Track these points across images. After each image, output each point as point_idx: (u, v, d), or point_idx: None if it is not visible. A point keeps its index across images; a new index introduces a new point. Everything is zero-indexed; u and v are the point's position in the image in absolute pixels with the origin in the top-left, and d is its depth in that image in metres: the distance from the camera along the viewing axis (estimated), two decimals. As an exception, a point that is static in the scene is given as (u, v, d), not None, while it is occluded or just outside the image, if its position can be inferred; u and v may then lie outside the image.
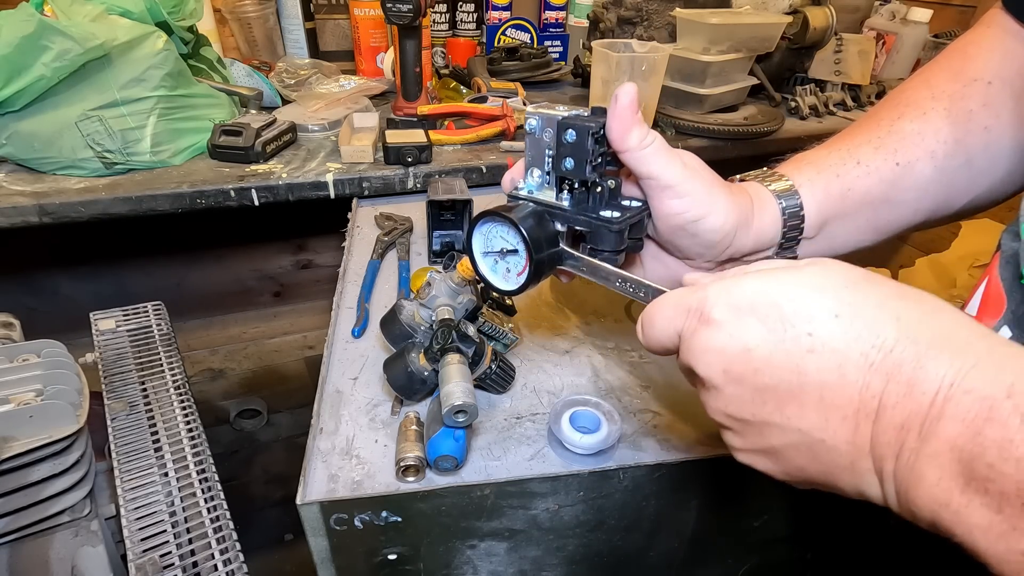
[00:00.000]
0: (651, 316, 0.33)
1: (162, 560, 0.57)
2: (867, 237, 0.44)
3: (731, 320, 0.28)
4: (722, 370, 0.28)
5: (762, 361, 0.27)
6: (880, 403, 0.24)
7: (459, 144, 1.00)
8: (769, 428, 0.28)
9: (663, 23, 1.18)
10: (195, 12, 0.98)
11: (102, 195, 0.81)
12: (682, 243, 0.41)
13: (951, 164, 0.42)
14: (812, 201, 0.42)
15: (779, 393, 0.27)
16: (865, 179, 0.42)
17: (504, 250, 0.42)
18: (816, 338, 0.25)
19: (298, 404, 1.52)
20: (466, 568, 0.53)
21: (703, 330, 0.29)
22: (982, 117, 0.41)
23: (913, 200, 0.43)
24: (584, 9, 1.41)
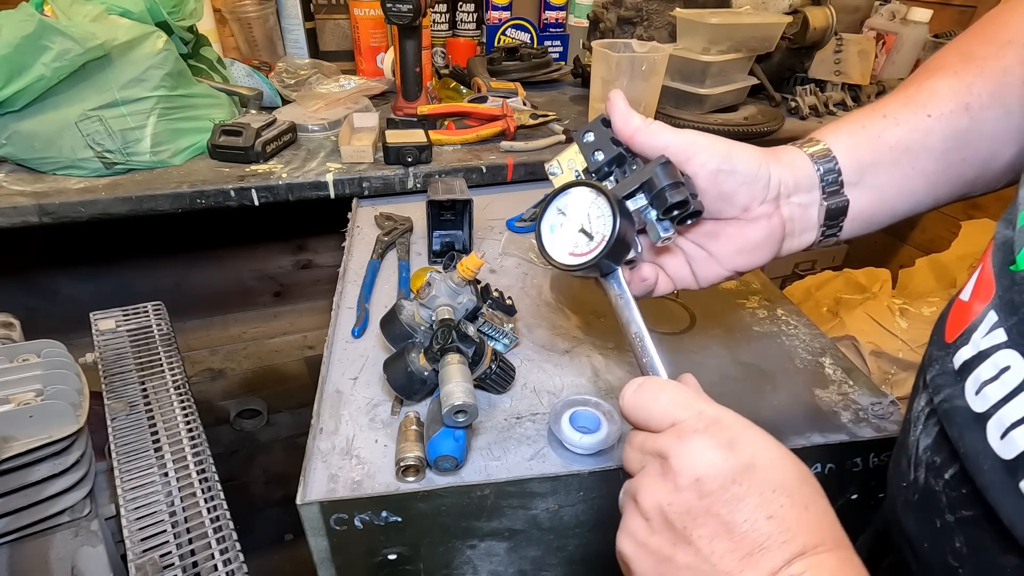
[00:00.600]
0: (657, 390, 0.34)
1: (162, 560, 0.57)
2: (919, 187, 0.43)
3: (727, 448, 0.29)
4: (695, 477, 0.29)
5: (730, 494, 0.28)
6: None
7: (459, 144, 1.00)
8: (686, 545, 0.29)
9: (663, 23, 1.18)
10: (195, 12, 0.98)
11: (102, 195, 0.81)
12: (728, 187, 0.40)
13: (988, 115, 0.41)
14: (838, 144, 0.42)
15: (720, 526, 0.29)
16: (895, 128, 0.42)
17: (582, 228, 0.41)
18: (746, 526, 0.28)
19: (298, 404, 1.52)
20: (466, 568, 0.53)
21: (711, 437, 0.30)
22: (1018, 71, 0.40)
23: (956, 149, 0.42)
24: (584, 9, 1.41)
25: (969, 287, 0.35)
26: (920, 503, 0.35)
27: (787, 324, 0.67)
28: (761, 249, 0.43)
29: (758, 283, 0.75)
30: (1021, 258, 0.30)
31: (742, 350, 0.63)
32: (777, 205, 0.42)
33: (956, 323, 0.34)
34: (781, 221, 0.42)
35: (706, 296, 0.71)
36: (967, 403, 0.30)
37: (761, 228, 0.42)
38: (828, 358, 0.62)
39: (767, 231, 0.42)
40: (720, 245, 0.43)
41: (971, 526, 0.31)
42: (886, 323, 1.17)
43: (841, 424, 0.54)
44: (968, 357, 0.31)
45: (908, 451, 0.37)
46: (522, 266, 0.75)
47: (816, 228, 0.43)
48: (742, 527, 0.28)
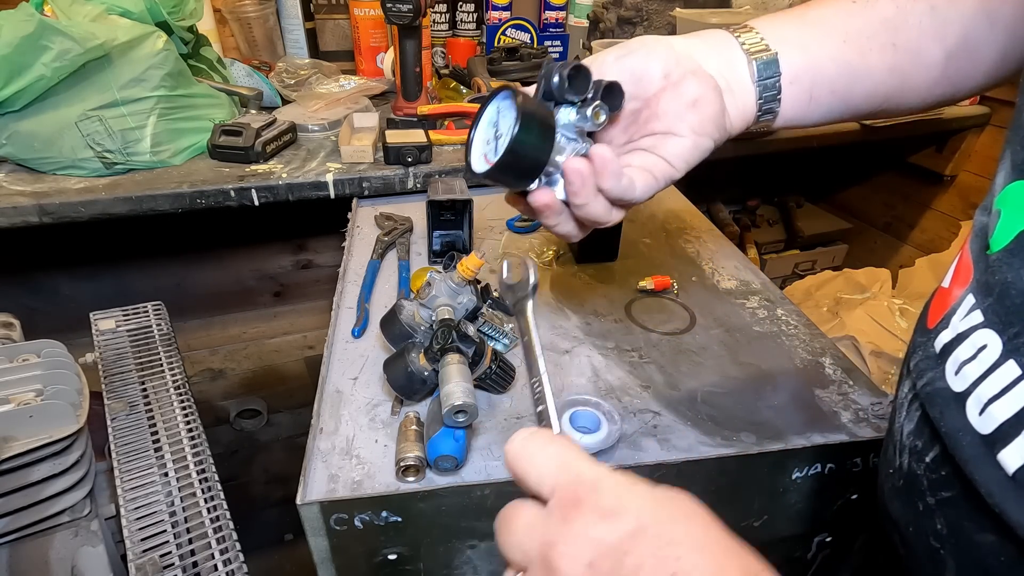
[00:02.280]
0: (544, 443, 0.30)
1: (162, 560, 0.57)
2: (853, 59, 0.43)
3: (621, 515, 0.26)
4: (587, 563, 0.26)
5: (632, 568, 0.25)
6: None
7: (459, 144, 1.00)
8: None
9: (663, 23, 1.18)
10: (195, 12, 0.98)
11: (102, 195, 0.81)
12: (632, 63, 0.41)
13: (915, 8, 0.42)
14: (758, 21, 0.43)
15: None
16: (820, 8, 0.43)
17: (498, 132, 0.40)
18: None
19: (298, 404, 1.52)
20: (466, 568, 0.53)
21: (592, 511, 0.27)
22: None
23: (885, 33, 0.42)
24: (584, 9, 1.41)
25: (949, 275, 0.36)
26: (904, 487, 0.36)
27: (787, 324, 0.67)
28: (705, 100, 0.41)
29: (758, 283, 0.75)
30: (994, 241, 0.31)
31: (742, 350, 0.63)
32: (695, 63, 0.42)
33: (937, 309, 0.35)
34: (709, 74, 0.42)
35: (706, 296, 0.71)
36: (947, 384, 0.31)
37: (691, 83, 0.41)
38: (828, 358, 0.62)
39: (698, 82, 0.41)
40: (665, 117, 0.41)
41: (950, 507, 0.32)
42: (886, 323, 1.17)
43: (841, 424, 0.54)
44: (948, 340, 0.32)
45: (894, 438, 0.38)
46: (522, 266, 0.75)
47: (752, 86, 0.43)
48: None
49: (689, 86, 0.41)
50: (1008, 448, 0.27)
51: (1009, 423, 0.27)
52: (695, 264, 0.78)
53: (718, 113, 0.42)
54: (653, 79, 0.41)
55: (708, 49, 0.43)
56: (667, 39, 0.42)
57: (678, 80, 0.41)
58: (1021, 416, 0.27)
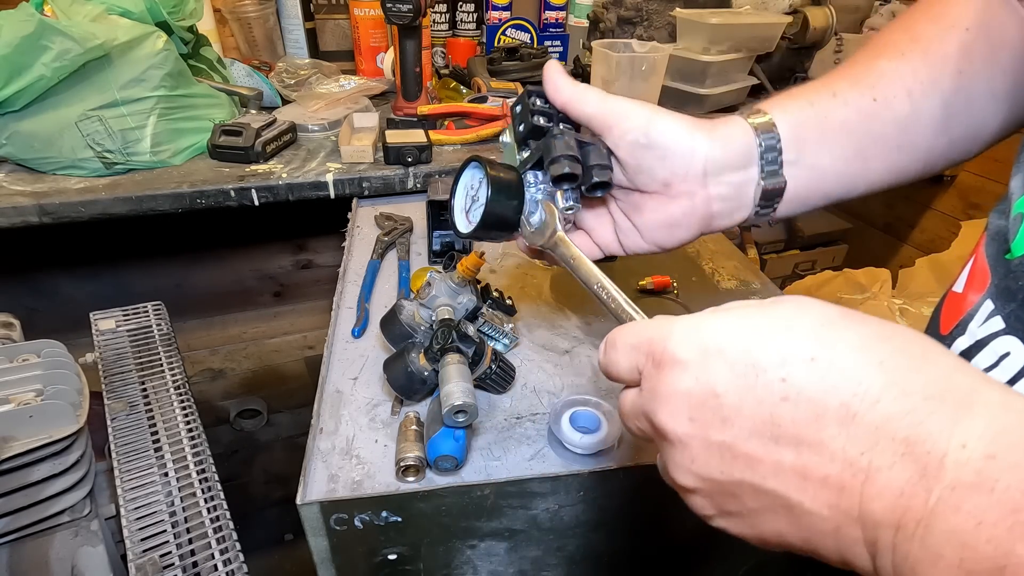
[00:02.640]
0: (613, 340, 0.30)
1: (162, 560, 0.57)
2: (856, 170, 0.43)
3: (698, 360, 0.25)
4: (688, 418, 0.25)
5: (731, 409, 0.24)
6: (870, 463, 0.21)
7: (459, 144, 1.00)
8: (741, 487, 0.25)
9: (663, 23, 1.18)
10: (195, 12, 0.98)
11: (102, 195, 0.81)
12: (646, 161, 0.40)
13: (927, 105, 0.42)
14: (784, 120, 0.42)
15: (752, 447, 0.24)
16: (842, 109, 0.42)
17: (476, 196, 0.43)
18: (790, 384, 0.23)
19: (298, 404, 1.52)
20: (466, 568, 0.53)
21: (667, 371, 0.26)
22: (957, 60, 0.41)
23: (895, 135, 0.43)
24: (584, 9, 1.41)
25: (962, 279, 0.35)
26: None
27: (787, 324, 0.67)
28: (682, 227, 0.42)
29: (758, 283, 0.75)
30: (1016, 245, 0.30)
31: (742, 350, 0.63)
32: (704, 184, 0.41)
33: (951, 315, 0.34)
34: (707, 199, 0.41)
35: (706, 296, 0.71)
36: None
37: (682, 206, 0.41)
38: (828, 358, 0.62)
39: (688, 209, 0.41)
40: (643, 218, 0.43)
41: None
42: (886, 323, 1.17)
43: (841, 424, 0.53)
44: (966, 346, 0.32)
45: None
46: (522, 266, 0.75)
47: (750, 207, 0.43)
48: (784, 429, 0.22)
49: (675, 209, 0.42)
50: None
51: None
52: (695, 264, 0.78)
53: (686, 237, 0.43)
54: (654, 181, 0.41)
55: (725, 166, 0.41)
56: (699, 136, 0.40)
57: (673, 196, 0.41)
58: None
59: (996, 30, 0.41)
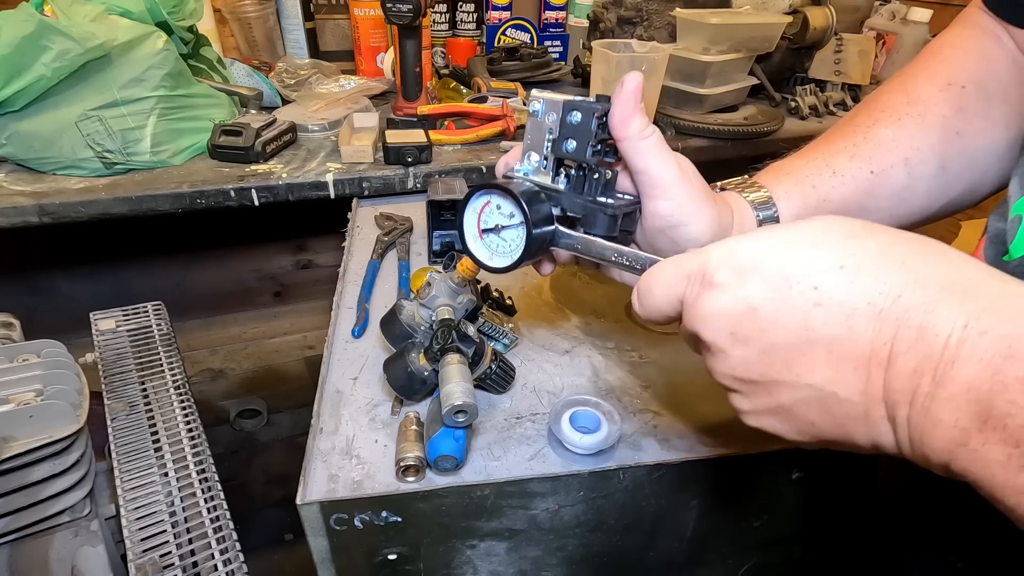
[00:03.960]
0: (649, 284, 0.32)
1: (162, 560, 0.57)
2: None
3: (734, 281, 0.28)
4: (728, 333, 0.28)
5: (768, 320, 0.27)
6: (891, 350, 0.24)
7: (459, 144, 1.00)
8: (778, 386, 0.28)
9: (663, 23, 1.18)
10: (195, 12, 0.98)
11: (102, 195, 0.81)
12: (660, 245, 0.41)
13: (925, 171, 0.43)
14: (789, 213, 0.43)
15: (788, 350, 0.27)
16: (841, 189, 0.43)
17: (498, 226, 0.41)
18: (822, 291, 0.25)
19: (298, 404, 1.52)
20: (466, 568, 0.53)
21: (706, 293, 0.29)
22: (955, 122, 0.42)
23: (888, 207, 0.43)
24: (584, 9, 1.41)
25: None
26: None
27: (787, 324, 0.67)
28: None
29: (758, 283, 0.74)
30: (1014, 247, 0.31)
31: (742, 350, 0.63)
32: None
33: None
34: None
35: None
36: None
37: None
38: (828, 358, 0.62)
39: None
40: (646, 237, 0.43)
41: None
42: (886, 323, 1.17)
43: (841, 424, 0.54)
44: None
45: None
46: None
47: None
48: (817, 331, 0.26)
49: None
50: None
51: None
52: (695, 264, 0.78)
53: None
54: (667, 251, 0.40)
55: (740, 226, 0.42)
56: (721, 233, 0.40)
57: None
58: None
59: (993, 84, 0.42)
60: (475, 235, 0.44)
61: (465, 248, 0.44)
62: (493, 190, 0.41)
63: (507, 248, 0.42)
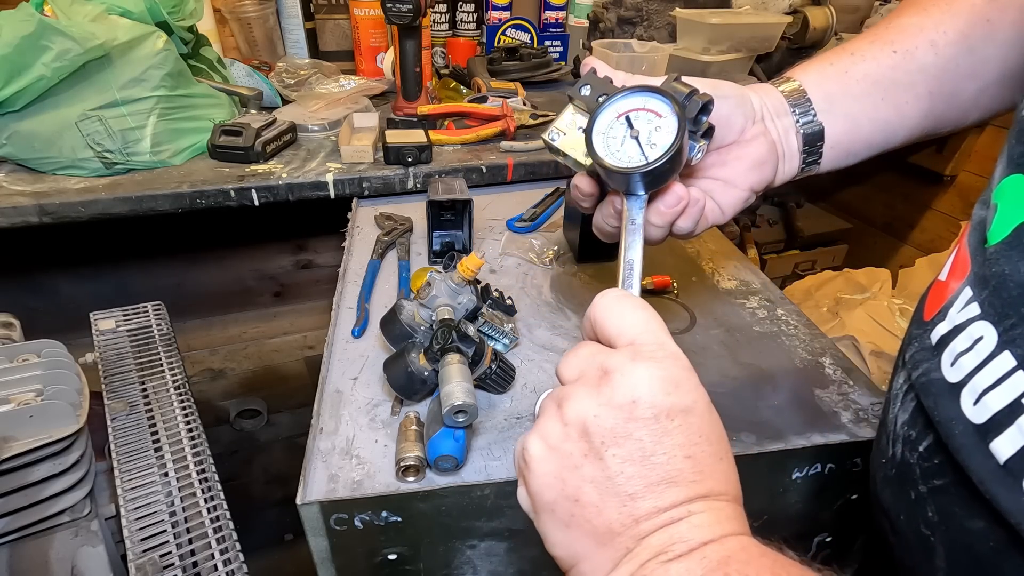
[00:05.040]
0: (635, 306, 0.34)
1: (162, 560, 0.57)
2: (891, 117, 0.45)
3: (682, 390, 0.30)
4: (632, 400, 0.29)
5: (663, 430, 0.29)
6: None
7: (459, 144, 1.00)
8: (596, 461, 0.29)
9: (663, 23, 1.18)
10: (195, 12, 0.98)
11: (102, 195, 0.81)
12: (723, 111, 0.42)
13: (952, 52, 0.43)
14: (805, 77, 0.45)
15: (641, 456, 0.28)
16: (861, 64, 0.44)
17: (633, 133, 0.39)
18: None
19: (298, 404, 1.51)
20: (466, 568, 0.53)
21: (663, 371, 0.30)
22: (985, 9, 0.42)
23: (922, 82, 0.44)
24: (584, 9, 1.41)
25: (946, 268, 0.36)
26: (896, 477, 0.37)
27: (787, 324, 0.67)
28: (767, 164, 0.45)
29: (758, 283, 0.74)
30: (991, 234, 0.31)
31: (742, 350, 0.63)
32: (765, 127, 0.44)
33: (934, 302, 0.36)
34: (772, 142, 0.44)
35: (706, 296, 0.71)
36: (943, 375, 0.32)
37: (761, 144, 0.44)
38: (828, 358, 0.62)
39: (767, 146, 0.44)
40: (731, 169, 0.45)
41: (941, 494, 0.32)
42: (886, 323, 1.17)
43: (841, 424, 0.54)
44: (944, 332, 0.33)
45: (887, 428, 0.38)
46: (522, 266, 0.75)
47: (798, 154, 0.45)
48: (659, 458, 0.28)
49: (759, 148, 0.44)
50: (1000, 437, 0.28)
51: (1002, 413, 0.28)
52: (695, 264, 0.78)
53: (771, 176, 0.45)
54: (733, 130, 0.43)
55: (772, 113, 0.45)
56: (747, 91, 0.44)
57: (750, 139, 0.44)
58: (1014, 406, 0.27)
59: None
60: (609, 133, 0.40)
61: (589, 142, 0.40)
62: (649, 92, 0.39)
63: (639, 149, 0.39)
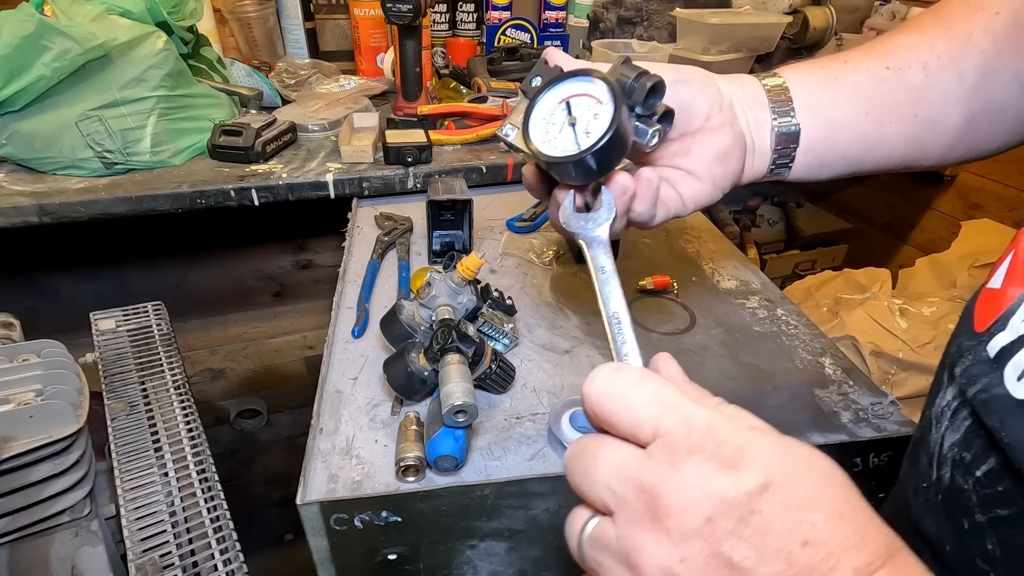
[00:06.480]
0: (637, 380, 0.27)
1: (162, 560, 0.57)
2: (871, 131, 0.44)
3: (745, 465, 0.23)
4: (706, 518, 0.23)
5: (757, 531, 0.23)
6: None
7: (459, 144, 1.00)
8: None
9: (663, 23, 1.18)
10: (195, 12, 0.98)
11: (102, 195, 0.81)
12: (686, 95, 0.41)
13: (942, 76, 0.42)
14: (793, 75, 0.44)
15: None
16: (852, 73, 0.43)
17: (570, 120, 0.37)
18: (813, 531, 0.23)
19: (298, 404, 1.52)
20: (466, 568, 0.53)
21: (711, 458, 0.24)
22: (979, 40, 0.42)
23: (909, 103, 0.43)
24: (584, 9, 1.41)
25: (1000, 275, 0.33)
26: (944, 503, 0.33)
27: (787, 324, 0.67)
28: (733, 156, 0.43)
29: (758, 283, 0.75)
30: None
31: (742, 350, 0.63)
32: (734, 115, 0.43)
33: (987, 311, 0.33)
34: (740, 133, 0.43)
35: (706, 296, 0.71)
36: (1007, 390, 0.29)
37: (726, 135, 0.42)
38: (828, 358, 0.62)
39: (732, 137, 0.43)
40: (694, 159, 0.43)
41: (1006, 526, 0.29)
42: (886, 323, 1.17)
43: (841, 424, 0.54)
44: (1006, 343, 0.30)
45: (930, 449, 0.35)
46: (522, 266, 0.75)
47: (769, 152, 0.44)
48: (773, 566, 0.22)
49: (724, 138, 0.42)
50: None
51: None
52: (695, 264, 0.78)
53: (738, 170, 0.44)
54: (697, 116, 0.42)
55: (744, 103, 0.44)
56: (715, 78, 0.43)
57: (716, 127, 0.42)
58: None
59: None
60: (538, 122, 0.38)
61: (527, 131, 0.38)
62: (583, 76, 0.37)
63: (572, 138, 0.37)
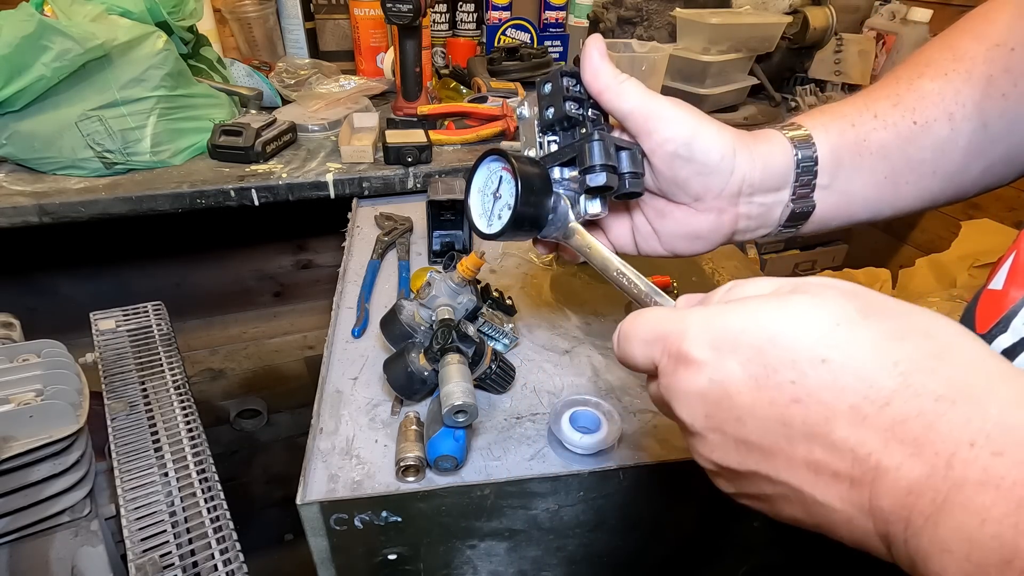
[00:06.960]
0: (627, 332, 0.31)
1: (162, 560, 0.57)
2: (886, 195, 0.43)
3: (712, 360, 0.26)
4: (703, 415, 0.26)
5: (744, 410, 0.25)
6: (878, 463, 0.21)
7: (459, 144, 1.00)
8: (757, 478, 0.26)
9: (663, 23, 1.18)
10: (195, 12, 0.98)
11: (102, 195, 0.81)
12: (682, 174, 0.39)
13: (967, 127, 0.41)
14: (825, 141, 0.41)
15: (764, 445, 0.25)
16: (881, 132, 0.42)
17: (498, 193, 0.41)
18: (800, 387, 0.23)
19: (298, 404, 1.52)
20: (466, 568, 0.53)
21: (682, 370, 0.27)
22: (1001, 83, 0.41)
23: (931, 159, 0.42)
24: (584, 9, 1.41)
25: (1001, 276, 0.34)
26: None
27: (787, 324, 0.67)
28: (703, 240, 0.42)
29: (758, 283, 0.74)
30: None
31: (742, 350, 0.63)
32: (735, 202, 0.41)
33: (988, 313, 0.33)
34: (734, 217, 0.42)
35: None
36: None
37: (708, 220, 0.41)
38: (828, 358, 0.62)
39: (714, 225, 0.41)
40: (664, 225, 0.42)
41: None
42: (886, 323, 1.17)
43: (841, 424, 0.53)
44: (1008, 345, 0.30)
45: None
46: (522, 266, 0.75)
47: (775, 226, 0.43)
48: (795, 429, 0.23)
49: (704, 222, 0.41)
50: None
51: None
52: (695, 264, 0.78)
53: (705, 248, 0.43)
54: (687, 195, 0.40)
55: (759, 187, 0.41)
56: (738, 148, 0.39)
57: (701, 210, 0.41)
58: None
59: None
60: (478, 193, 0.43)
61: (466, 201, 0.43)
62: (501, 158, 0.41)
63: (502, 217, 0.41)
